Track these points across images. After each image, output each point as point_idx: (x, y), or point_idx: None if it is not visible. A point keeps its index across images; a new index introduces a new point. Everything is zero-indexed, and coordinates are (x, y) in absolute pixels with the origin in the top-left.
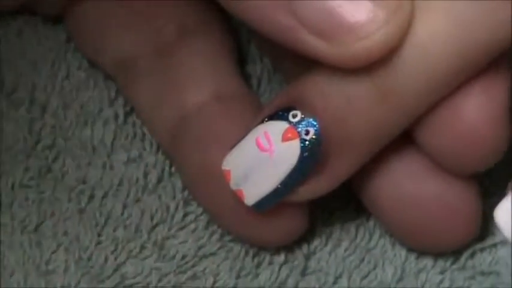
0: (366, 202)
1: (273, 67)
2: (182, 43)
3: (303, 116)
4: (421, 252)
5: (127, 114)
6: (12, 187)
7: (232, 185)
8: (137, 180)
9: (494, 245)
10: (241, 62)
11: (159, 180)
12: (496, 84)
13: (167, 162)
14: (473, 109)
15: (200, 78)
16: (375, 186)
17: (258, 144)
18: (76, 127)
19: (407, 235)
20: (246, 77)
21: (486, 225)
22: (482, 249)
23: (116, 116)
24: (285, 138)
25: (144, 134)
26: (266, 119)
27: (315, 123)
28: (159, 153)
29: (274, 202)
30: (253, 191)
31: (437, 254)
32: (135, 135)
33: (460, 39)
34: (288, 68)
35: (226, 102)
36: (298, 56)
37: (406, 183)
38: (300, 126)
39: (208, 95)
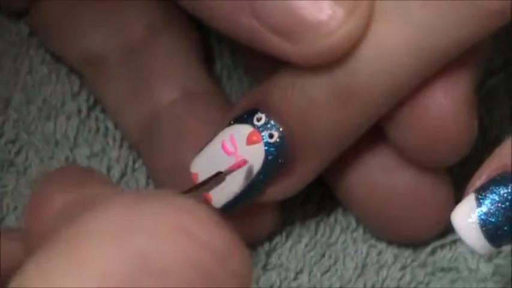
0: (340, 195)
1: (244, 66)
2: (152, 40)
3: (267, 119)
4: (382, 248)
5: (90, 109)
6: None
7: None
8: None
9: (454, 242)
10: None
11: (122, 175)
12: (459, 80)
13: (130, 157)
14: (437, 106)
15: (169, 76)
16: (348, 180)
17: (224, 148)
18: (39, 121)
19: (380, 226)
20: None
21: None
22: (442, 246)
23: (79, 111)
24: (249, 142)
25: (107, 129)
26: (232, 122)
27: (279, 126)
28: (123, 148)
29: (242, 204)
30: (220, 194)
31: (399, 251)
32: (98, 129)
33: (417, 41)
34: (258, 67)
35: (195, 99)
36: (266, 55)
37: (379, 177)
38: (264, 129)
39: (177, 92)
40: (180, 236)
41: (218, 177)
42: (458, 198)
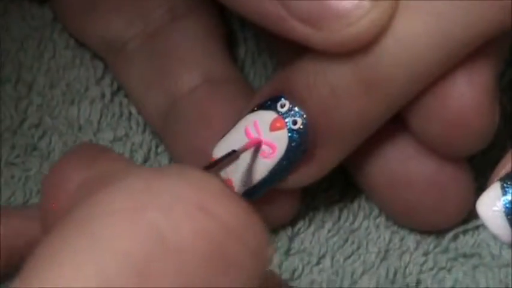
0: (361, 183)
1: (268, 51)
2: (172, 27)
3: (290, 106)
4: (405, 234)
5: (114, 94)
6: None
7: (222, 173)
8: None
9: (477, 228)
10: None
11: (146, 159)
12: (481, 69)
13: (153, 141)
14: (459, 96)
15: (191, 61)
16: (369, 169)
17: (247, 134)
18: (62, 106)
19: (401, 215)
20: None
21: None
22: (464, 232)
23: (103, 95)
24: (273, 128)
25: (130, 114)
26: (255, 108)
27: (303, 113)
28: (146, 132)
29: (264, 190)
30: (243, 180)
31: (421, 237)
32: (121, 114)
33: (440, 34)
34: (283, 52)
35: (217, 85)
36: (290, 41)
37: (399, 165)
38: (288, 116)
39: (199, 78)
40: (195, 212)
41: (233, 156)
42: (479, 185)
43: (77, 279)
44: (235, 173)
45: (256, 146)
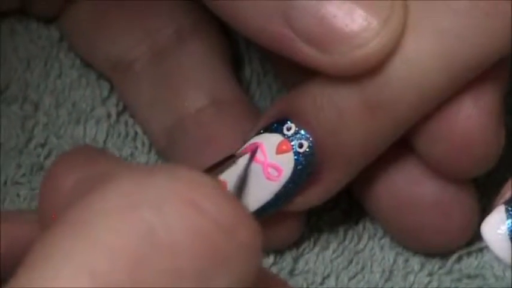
0: (366, 205)
1: (274, 72)
2: (179, 47)
3: (297, 128)
4: (409, 255)
5: (119, 114)
6: (5, 183)
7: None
8: None
9: (481, 250)
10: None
11: None
12: (487, 91)
13: (159, 162)
14: (464, 118)
15: (197, 82)
16: (374, 190)
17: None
18: (68, 125)
19: (406, 237)
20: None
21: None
22: (469, 254)
23: (109, 115)
24: (279, 151)
25: (136, 134)
26: (261, 131)
27: (309, 136)
28: (151, 152)
29: (269, 213)
30: (249, 202)
31: (425, 259)
32: (127, 134)
33: (448, 56)
34: (288, 74)
35: (222, 106)
36: (296, 63)
37: (404, 188)
38: (294, 139)
39: (205, 99)
40: (187, 210)
41: (230, 160)
42: (483, 207)
43: (70, 278)
44: (230, 176)
45: (253, 151)
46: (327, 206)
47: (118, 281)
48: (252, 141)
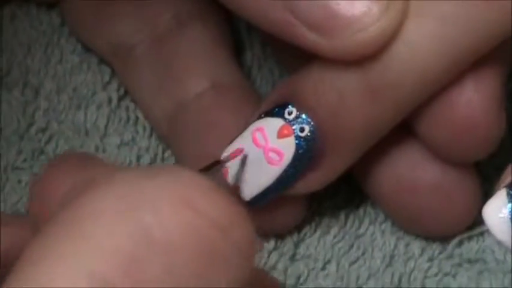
0: (367, 190)
1: (274, 57)
2: (179, 32)
3: (298, 113)
4: (410, 240)
5: (120, 98)
6: (5, 169)
7: (230, 180)
8: (130, 163)
9: (481, 234)
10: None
11: (152, 164)
12: (488, 75)
13: (160, 147)
14: (466, 102)
15: (198, 67)
16: (375, 175)
17: (254, 141)
18: (69, 110)
19: (407, 221)
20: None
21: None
22: (469, 238)
23: (110, 100)
24: (280, 135)
25: (137, 118)
26: (263, 115)
27: (310, 120)
28: (152, 137)
29: (271, 197)
30: (250, 186)
31: (426, 243)
32: (128, 119)
33: (449, 40)
34: (289, 59)
35: (224, 91)
36: (298, 48)
37: (406, 172)
38: (295, 123)
39: (206, 83)
40: (182, 208)
41: (217, 166)
42: (485, 190)
43: (67, 278)
44: (241, 179)
45: (244, 156)
46: (328, 190)
47: (115, 280)
48: (253, 126)
